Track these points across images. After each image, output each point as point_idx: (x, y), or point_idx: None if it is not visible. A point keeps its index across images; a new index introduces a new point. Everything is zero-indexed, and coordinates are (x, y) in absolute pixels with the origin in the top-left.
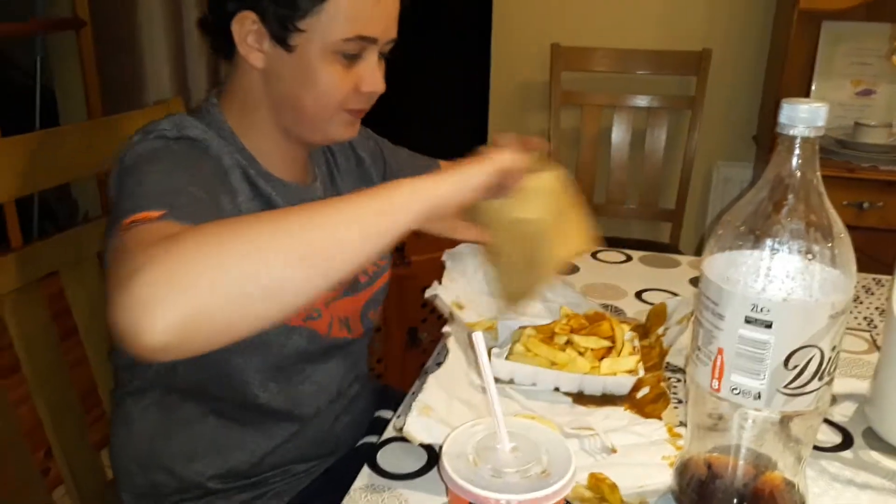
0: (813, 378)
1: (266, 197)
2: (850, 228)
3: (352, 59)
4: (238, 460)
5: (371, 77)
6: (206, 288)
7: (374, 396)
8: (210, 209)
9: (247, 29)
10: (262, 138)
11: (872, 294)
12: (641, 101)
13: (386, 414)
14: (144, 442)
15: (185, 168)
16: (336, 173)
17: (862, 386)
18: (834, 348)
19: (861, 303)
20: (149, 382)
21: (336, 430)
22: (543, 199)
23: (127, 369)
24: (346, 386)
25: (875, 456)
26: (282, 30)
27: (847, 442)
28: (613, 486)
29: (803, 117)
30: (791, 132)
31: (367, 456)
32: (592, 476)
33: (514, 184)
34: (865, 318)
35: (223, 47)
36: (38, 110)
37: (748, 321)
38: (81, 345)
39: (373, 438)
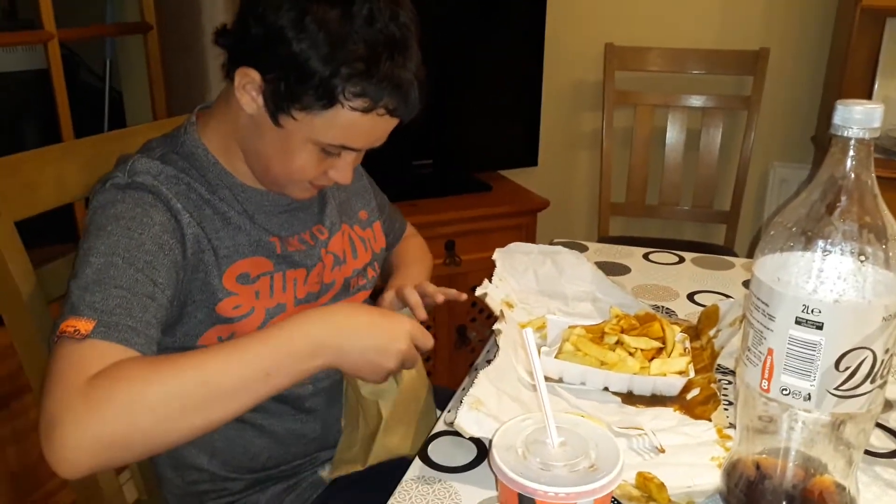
0: (865, 380)
1: (239, 206)
2: None
3: (330, 154)
4: (258, 453)
5: (342, 171)
6: (116, 445)
7: None
8: (138, 300)
9: (248, 81)
10: (239, 160)
11: None
12: (696, 100)
13: None
14: None
15: (127, 233)
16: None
17: None
18: (887, 351)
19: None
20: None
21: None
22: (394, 393)
23: None
24: None
25: None
26: (276, 107)
27: None
28: (661, 486)
29: (858, 118)
30: (846, 133)
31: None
32: (640, 475)
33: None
34: None
35: (228, 69)
36: (106, 111)
37: (799, 322)
38: None
39: None
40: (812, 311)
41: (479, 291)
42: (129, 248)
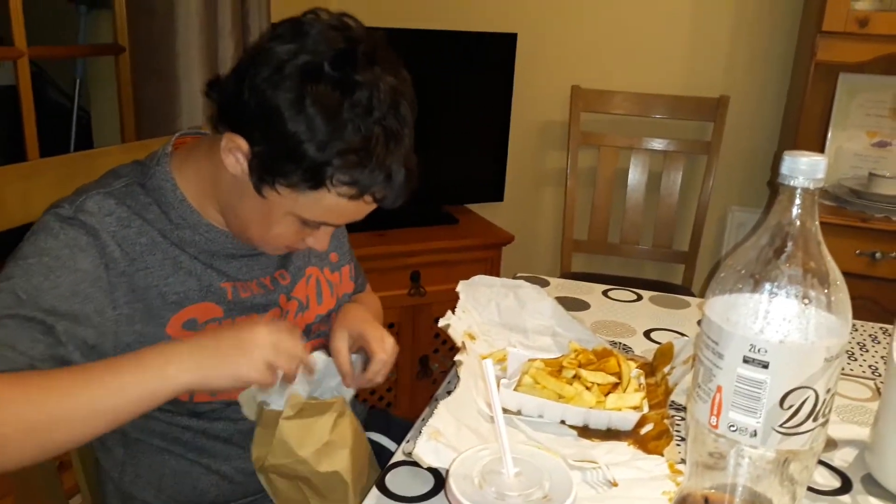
0: (807, 419)
1: (194, 249)
2: (862, 278)
3: (309, 225)
4: (206, 487)
5: (321, 241)
6: None
7: (362, 419)
8: (29, 337)
9: (235, 147)
10: (212, 207)
11: (879, 343)
12: (658, 144)
13: (376, 437)
14: (114, 477)
15: (45, 272)
16: None
17: (863, 432)
18: (829, 391)
19: (867, 351)
20: None
21: None
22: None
23: None
24: None
25: (873, 502)
26: (260, 180)
27: (846, 486)
28: None
29: (803, 169)
30: (791, 183)
31: None
32: None
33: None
34: (871, 367)
35: (214, 124)
36: (73, 131)
37: (746, 361)
38: None
39: None
40: (759, 351)
41: (441, 322)
42: (40, 288)
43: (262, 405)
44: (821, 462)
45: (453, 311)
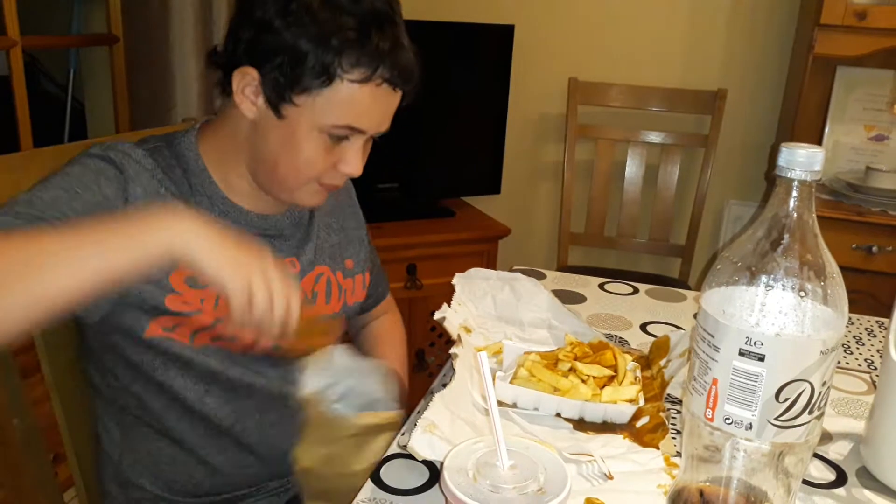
0: (803, 411)
1: (210, 217)
2: (858, 272)
3: (337, 140)
4: (201, 478)
5: (352, 160)
6: None
7: None
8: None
9: (246, 82)
10: (234, 174)
11: (875, 336)
12: (656, 137)
13: None
14: (114, 460)
15: (66, 185)
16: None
17: (858, 426)
18: (824, 384)
19: (863, 344)
20: (105, 401)
21: None
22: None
23: (90, 386)
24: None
25: (867, 494)
26: (277, 97)
27: (841, 479)
28: None
29: (801, 161)
30: (789, 175)
31: None
32: (588, 501)
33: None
34: (866, 360)
35: (225, 85)
36: (67, 122)
37: (742, 354)
38: None
39: None
40: (754, 344)
41: (437, 315)
42: (57, 198)
43: (320, 400)
44: (816, 455)
45: (449, 305)
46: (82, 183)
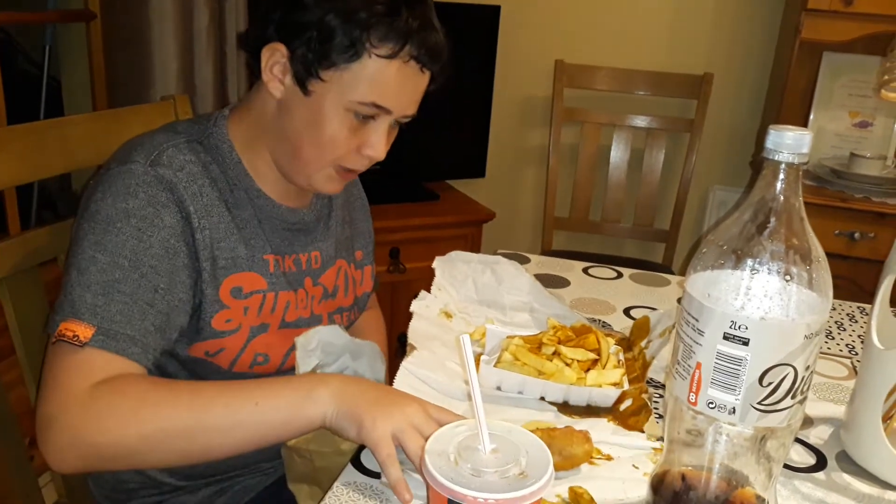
0: (786, 396)
1: (251, 211)
2: (841, 258)
3: (363, 119)
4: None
5: (376, 142)
6: (102, 455)
7: None
8: (138, 307)
9: (275, 59)
10: (261, 160)
11: (856, 322)
12: (641, 121)
13: None
14: None
15: (137, 234)
16: (333, 201)
17: (839, 410)
18: (808, 368)
19: (844, 330)
20: None
21: None
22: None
23: None
24: None
25: (847, 478)
26: (304, 73)
27: (821, 463)
28: (591, 500)
29: (788, 144)
30: (776, 157)
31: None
32: (572, 490)
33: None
34: (847, 346)
35: (256, 66)
36: (43, 99)
37: (726, 337)
38: None
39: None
40: (739, 328)
41: (413, 306)
42: (137, 251)
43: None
44: (797, 439)
45: (429, 291)
46: (146, 223)
